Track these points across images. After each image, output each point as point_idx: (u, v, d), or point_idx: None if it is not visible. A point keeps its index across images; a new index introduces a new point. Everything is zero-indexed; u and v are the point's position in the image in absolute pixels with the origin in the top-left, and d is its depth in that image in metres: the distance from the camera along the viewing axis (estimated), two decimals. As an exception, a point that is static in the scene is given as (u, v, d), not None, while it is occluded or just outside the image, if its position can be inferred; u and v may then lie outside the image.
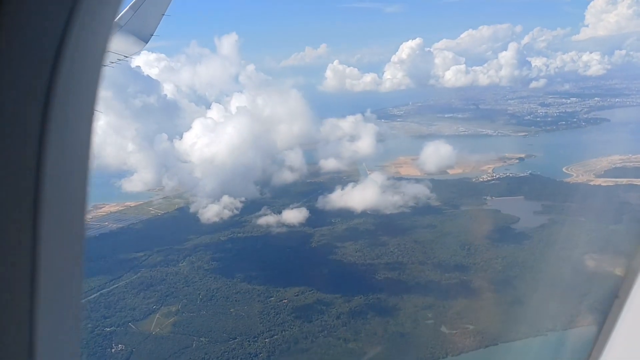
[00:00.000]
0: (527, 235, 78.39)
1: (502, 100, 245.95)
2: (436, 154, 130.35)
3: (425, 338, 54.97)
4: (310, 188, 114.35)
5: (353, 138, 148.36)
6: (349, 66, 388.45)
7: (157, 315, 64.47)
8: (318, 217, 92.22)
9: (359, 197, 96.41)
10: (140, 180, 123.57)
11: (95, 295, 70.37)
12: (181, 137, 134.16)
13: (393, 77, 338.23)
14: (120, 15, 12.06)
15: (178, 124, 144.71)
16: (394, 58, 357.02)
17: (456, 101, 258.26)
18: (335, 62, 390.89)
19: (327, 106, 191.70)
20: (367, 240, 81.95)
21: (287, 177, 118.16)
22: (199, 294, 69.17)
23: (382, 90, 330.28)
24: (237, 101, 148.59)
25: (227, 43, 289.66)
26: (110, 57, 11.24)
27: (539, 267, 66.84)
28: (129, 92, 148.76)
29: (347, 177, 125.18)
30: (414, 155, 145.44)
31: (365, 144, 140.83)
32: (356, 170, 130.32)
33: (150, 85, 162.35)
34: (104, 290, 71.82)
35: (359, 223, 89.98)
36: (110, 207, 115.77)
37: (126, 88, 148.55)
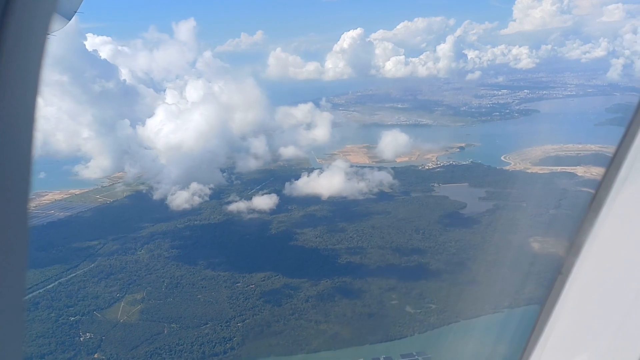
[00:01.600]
0: (476, 220, 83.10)
1: (438, 92, 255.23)
2: (390, 143, 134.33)
3: (392, 318, 57.80)
4: (274, 175, 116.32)
5: (309, 126, 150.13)
6: (291, 54, 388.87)
7: (122, 304, 63.74)
8: (282, 204, 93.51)
9: (319, 184, 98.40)
10: (97, 166, 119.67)
11: (54, 284, 68.48)
12: (144, 124, 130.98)
13: (335, 66, 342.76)
14: None
15: (137, 109, 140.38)
16: (336, 47, 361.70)
17: (394, 91, 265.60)
18: (278, 49, 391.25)
19: (272, 94, 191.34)
20: (326, 226, 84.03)
21: (252, 164, 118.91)
22: (163, 281, 68.83)
23: (325, 79, 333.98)
24: (194, 88, 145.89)
25: (185, 29, 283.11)
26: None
27: (490, 249, 71.37)
28: (86, 76, 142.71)
29: (297, 165, 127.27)
30: (360, 144, 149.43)
31: (321, 132, 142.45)
32: (306, 159, 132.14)
33: (107, 70, 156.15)
34: (62, 279, 69.96)
35: (315, 210, 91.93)
36: (54, 195, 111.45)
37: (83, 72, 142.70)
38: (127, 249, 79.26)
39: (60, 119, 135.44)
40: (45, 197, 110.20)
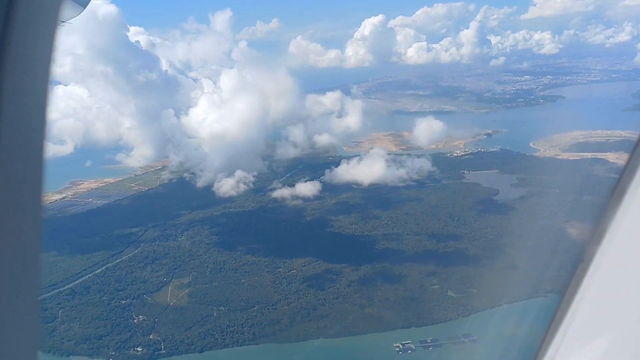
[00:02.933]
0: (510, 207, 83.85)
1: (460, 78, 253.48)
2: (416, 130, 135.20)
3: (435, 302, 59.22)
4: (302, 162, 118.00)
5: (339, 114, 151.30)
6: (312, 42, 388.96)
7: (170, 288, 65.98)
8: (316, 191, 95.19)
9: (351, 172, 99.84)
10: (140, 155, 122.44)
11: (101, 269, 71.02)
12: (187, 113, 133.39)
13: (356, 53, 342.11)
14: None
15: (177, 99, 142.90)
16: (357, 34, 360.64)
17: (416, 78, 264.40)
18: (299, 37, 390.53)
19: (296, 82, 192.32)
20: (360, 214, 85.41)
21: (290, 152, 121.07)
22: (207, 266, 70.91)
23: (346, 67, 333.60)
24: (229, 77, 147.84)
25: (221, 19, 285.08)
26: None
27: (526, 235, 72.22)
28: (129, 67, 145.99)
29: (324, 153, 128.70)
30: (384, 132, 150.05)
31: (352, 120, 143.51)
32: (333, 147, 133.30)
33: (149, 60, 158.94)
34: (109, 264, 72.44)
35: (348, 197, 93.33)
36: (90, 184, 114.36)
37: (126, 64, 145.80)
38: (168, 235, 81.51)
39: (101, 109, 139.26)
40: (82, 186, 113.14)
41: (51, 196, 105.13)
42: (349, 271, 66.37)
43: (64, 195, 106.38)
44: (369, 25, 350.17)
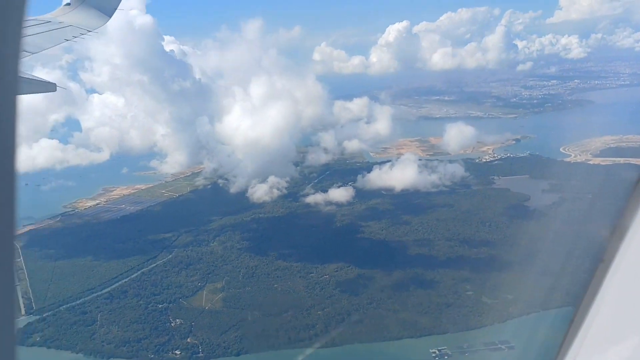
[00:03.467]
0: (542, 212, 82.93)
1: (485, 83, 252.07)
2: (445, 135, 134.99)
3: (470, 308, 58.93)
4: (329, 168, 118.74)
5: (368, 120, 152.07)
6: (335, 49, 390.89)
7: (205, 292, 66.89)
8: (345, 196, 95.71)
9: (380, 177, 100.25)
10: (174, 161, 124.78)
11: (137, 274, 72.42)
12: (220, 120, 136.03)
13: (380, 59, 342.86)
14: None
15: (210, 107, 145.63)
16: (381, 41, 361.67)
17: (440, 84, 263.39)
18: (323, 44, 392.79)
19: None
20: (390, 219, 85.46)
21: (321, 157, 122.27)
22: (240, 271, 71.72)
23: (371, 73, 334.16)
24: (259, 85, 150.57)
25: (252, 28, 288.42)
26: (72, 32, 11.26)
27: (560, 241, 71.39)
28: (164, 76, 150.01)
29: (351, 159, 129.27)
30: (411, 137, 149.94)
31: (381, 126, 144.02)
32: (360, 153, 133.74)
33: (183, 69, 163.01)
34: (144, 269, 73.80)
35: (377, 203, 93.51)
36: (122, 190, 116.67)
37: (161, 72, 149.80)
38: (200, 241, 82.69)
39: (136, 117, 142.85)
40: (114, 192, 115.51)
41: (85, 202, 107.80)
42: (382, 277, 66.49)
43: (97, 201, 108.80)
44: (393, 31, 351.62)
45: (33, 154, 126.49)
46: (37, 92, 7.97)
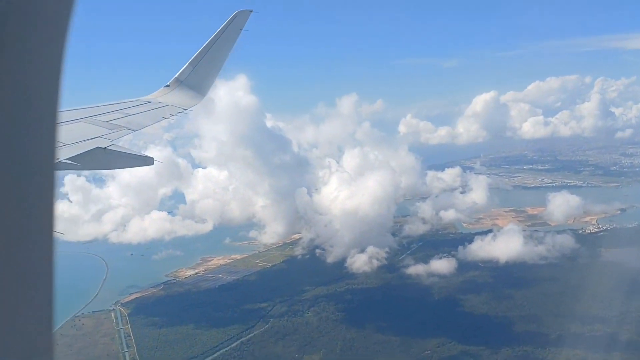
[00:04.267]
0: (662, 288, 76.21)
1: (579, 151, 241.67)
2: (545, 205, 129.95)
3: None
4: (422, 239, 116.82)
5: (464, 190, 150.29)
6: (418, 120, 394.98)
7: (304, 364, 66.40)
8: (441, 268, 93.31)
9: (478, 249, 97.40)
10: (273, 232, 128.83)
11: (237, 343, 73.33)
12: (318, 191, 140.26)
13: (467, 129, 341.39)
14: (181, 70, 13.50)
15: (307, 178, 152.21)
16: (468, 111, 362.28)
17: (531, 152, 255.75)
18: (408, 116, 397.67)
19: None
20: (490, 293, 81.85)
21: (418, 228, 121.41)
22: (337, 343, 70.71)
23: (459, 143, 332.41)
24: (353, 156, 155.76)
25: (347, 103, 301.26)
26: (170, 110, 12.01)
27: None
28: (266, 150, 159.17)
29: (444, 230, 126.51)
30: (505, 207, 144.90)
31: (476, 195, 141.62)
32: (452, 224, 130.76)
33: (283, 143, 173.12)
34: (243, 338, 74.66)
35: (475, 275, 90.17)
36: (219, 260, 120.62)
37: (263, 147, 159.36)
38: (295, 311, 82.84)
39: (237, 190, 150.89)
40: (212, 262, 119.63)
41: (185, 272, 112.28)
42: (488, 354, 63.10)
43: (196, 271, 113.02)
44: (480, 101, 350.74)
45: (145, 225, 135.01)
46: (137, 166, 8.72)
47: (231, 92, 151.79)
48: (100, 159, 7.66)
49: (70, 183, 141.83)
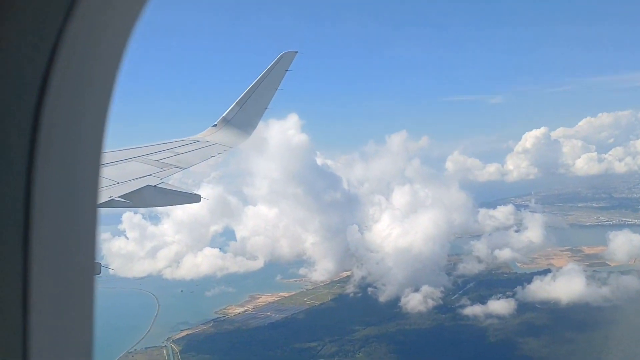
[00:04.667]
0: None
1: (636, 188, 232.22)
2: (614, 245, 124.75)
3: None
4: (476, 279, 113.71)
5: (519, 228, 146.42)
6: (469, 157, 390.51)
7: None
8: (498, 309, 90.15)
9: (538, 289, 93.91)
10: (323, 269, 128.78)
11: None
12: (369, 228, 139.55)
13: (517, 166, 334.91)
14: (228, 110, 13.91)
15: (357, 215, 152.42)
16: (517, 148, 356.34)
17: (585, 190, 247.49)
18: (455, 153, 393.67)
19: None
20: (549, 336, 78.30)
21: (474, 267, 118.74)
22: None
23: (508, 180, 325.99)
24: (408, 194, 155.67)
25: (397, 140, 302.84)
26: (217, 149, 12.29)
27: None
28: (317, 188, 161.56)
29: (497, 270, 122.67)
30: (560, 246, 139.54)
31: (532, 234, 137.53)
32: (506, 263, 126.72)
33: (333, 180, 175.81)
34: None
35: (532, 317, 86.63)
36: (267, 298, 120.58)
37: (314, 184, 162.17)
38: (346, 351, 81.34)
39: (287, 227, 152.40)
40: (260, 300, 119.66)
41: (234, 309, 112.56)
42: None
43: (245, 308, 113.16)
44: (530, 138, 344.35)
45: (198, 261, 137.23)
46: (185, 203, 8.94)
47: (283, 131, 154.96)
48: (151, 197, 7.95)
49: (128, 220, 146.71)
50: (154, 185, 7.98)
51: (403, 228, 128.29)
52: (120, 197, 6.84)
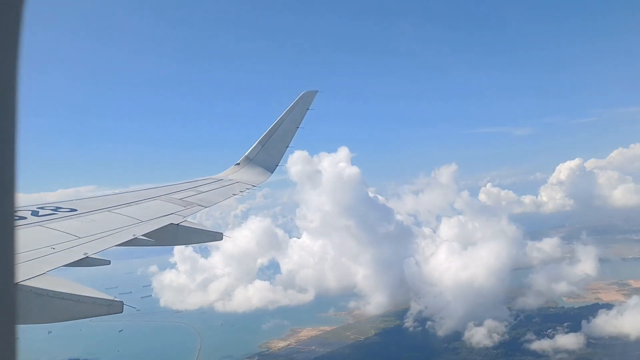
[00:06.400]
0: None
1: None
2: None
3: None
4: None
5: (572, 261, 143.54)
6: (503, 189, 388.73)
7: None
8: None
9: (617, 322, 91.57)
10: (375, 302, 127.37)
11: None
12: (426, 261, 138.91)
13: (552, 198, 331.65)
14: (250, 149, 13.95)
15: (409, 248, 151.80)
16: (552, 179, 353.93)
17: (622, 222, 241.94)
18: (488, 185, 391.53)
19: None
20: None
21: (533, 301, 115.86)
22: None
23: (543, 212, 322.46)
24: (461, 226, 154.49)
25: (446, 172, 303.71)
26: (240, 187, 12.29)
27: None
28: (369, 220, 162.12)
29: (544, 304, 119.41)
30: (606, 280, 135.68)
31: (587, 267, 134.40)
32: (552, 299, 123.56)
33: (385, 213, 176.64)
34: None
35: (603, 352, 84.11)
36: (309, 332, 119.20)
37: (366, 217, 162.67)
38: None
39: (337, 259, 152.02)
40: (301, 333, 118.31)
41: (277, 343, 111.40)
42: None
43: (288, 342, 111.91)
44: (565, 169, 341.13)
45: (249, 294, 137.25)
46: (208, 241, 8.79)
47: (334, 164, 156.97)
48: (174, 235, 8.02)
49: (179, 253, 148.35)
50: (177, 224, 8.06)
51: (462, 261, 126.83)
52: (143, 235, 6.95)
